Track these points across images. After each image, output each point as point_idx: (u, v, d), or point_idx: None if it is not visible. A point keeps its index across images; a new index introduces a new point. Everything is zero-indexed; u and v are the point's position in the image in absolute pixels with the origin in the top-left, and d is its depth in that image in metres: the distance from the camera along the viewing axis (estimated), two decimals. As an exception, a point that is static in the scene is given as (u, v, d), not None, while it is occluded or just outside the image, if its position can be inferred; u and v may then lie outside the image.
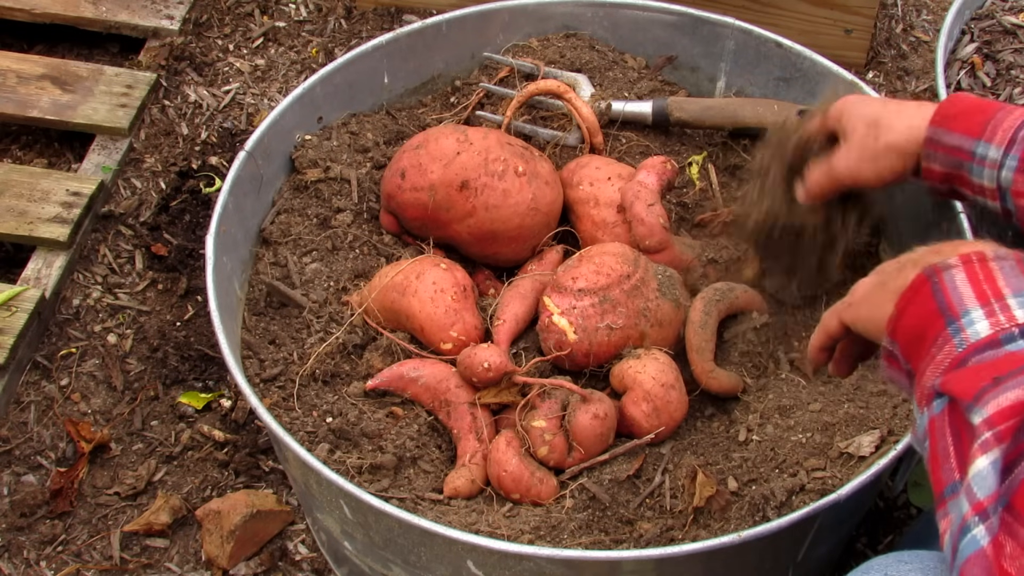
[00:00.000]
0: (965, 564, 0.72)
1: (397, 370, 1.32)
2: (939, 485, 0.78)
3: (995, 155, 1.08)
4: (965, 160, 1.11)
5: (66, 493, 1.62)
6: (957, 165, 1.12)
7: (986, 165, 1.09)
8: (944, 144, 1.12)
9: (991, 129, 1.09)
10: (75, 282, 1.87)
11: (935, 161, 1.14)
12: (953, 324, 0.81)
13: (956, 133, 1.11)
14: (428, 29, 1.62)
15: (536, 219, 1.42)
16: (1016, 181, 1.07)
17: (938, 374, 0.81)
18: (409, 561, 1.25)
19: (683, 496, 1.23)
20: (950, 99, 1.14)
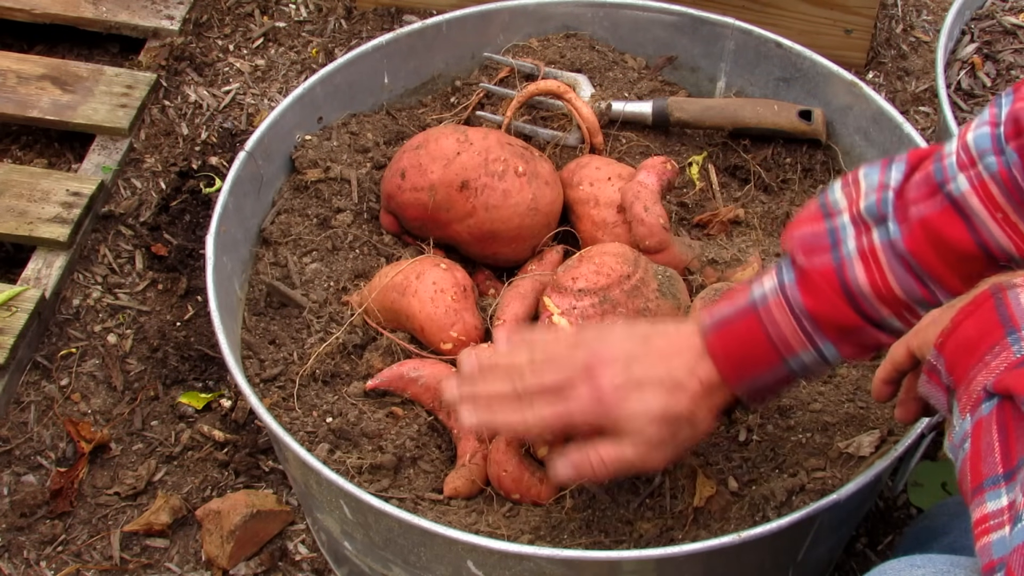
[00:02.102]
0: (1013, 553, 0.71)
1: (397, 370, 1.32)
2: (977, 478, 0.78)
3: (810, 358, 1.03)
4: (792, 378, 1.06)
5: (66, 493, 1.62)
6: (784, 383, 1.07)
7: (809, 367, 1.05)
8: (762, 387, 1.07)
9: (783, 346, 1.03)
10: (75, 282, 1.87)
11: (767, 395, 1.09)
12: (1014, 334, 0.81)
13: (764, 374, 1.05)
14: (428, 29, 1.62)
15: (536, 219, 1.42)
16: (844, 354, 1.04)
17: (992, 376, 0.80)
18: (409, 561, 1.25)
19: (683, 496, 1.23)
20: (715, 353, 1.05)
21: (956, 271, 0.97)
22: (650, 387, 1.04)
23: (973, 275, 0.94)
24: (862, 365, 1.36)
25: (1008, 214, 0.94)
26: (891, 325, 1.02)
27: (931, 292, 0.98)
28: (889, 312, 1.01)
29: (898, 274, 0.99)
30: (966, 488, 0.80)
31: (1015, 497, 0.74)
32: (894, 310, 1.00)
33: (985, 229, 0.95)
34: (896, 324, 1.01)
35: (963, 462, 0.82)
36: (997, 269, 0.96)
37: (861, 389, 1.32)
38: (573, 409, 1.05)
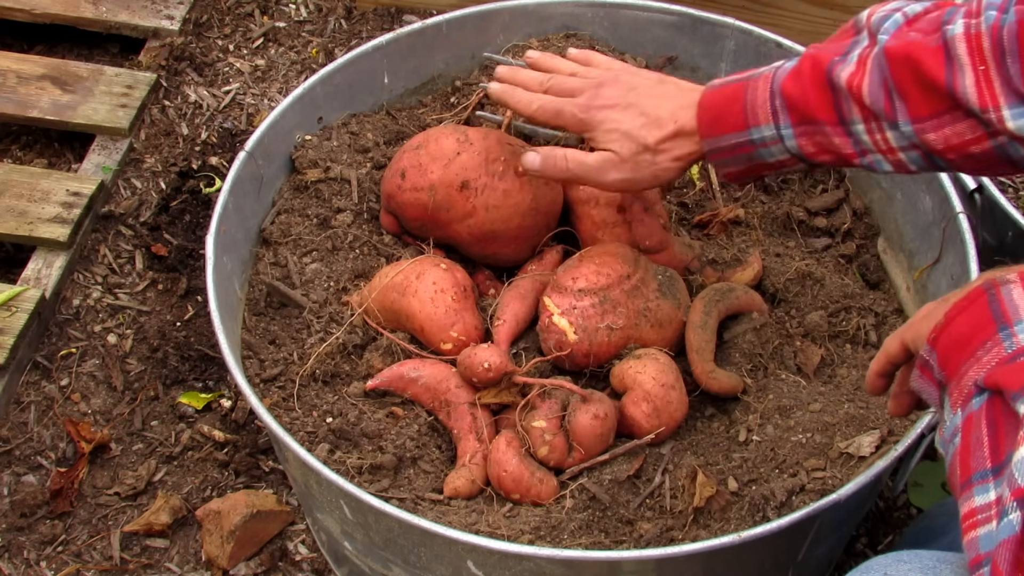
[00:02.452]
0: (998, 548, 0.72)
1: (397, 370, 1.32)
2: (967, 472, 0.78)
3: (770, 132, 1.11)
4: (752, 151, 1.13)
5: (66, 493, 1.62)
6: (749, 158, 1.14)
7: (769, 144, 1.11)
8: (725, 148, 1.15)
9: (751, 115, 1.11)
10: (75, 282, 1.87)
11: (730, 165, 1.16)
12: (1005, 330, 0.81)
13: (727, 134, 1.14)
14: (428, 29, 1.62)
15: (536, 219, 1.42)
16: (803, 146, 1.10)
17: (983, 372, 0.81)
18: (409, 561, 1.25)
19: (683, 496, 1.23)
20: (702, 103, 1.16)
21: (922, 96, 1.00)
22: (634, 110, 1.18)
23: (936, 112, 0.98)
24: (861, 366, 1.36)
25: (988, 69, 0.96)
26: (855, 131, 1.06)
27: (892, 107, 1.02)
28: (859, 114, 1.05)
29: (873, 80, 1.02)
30: (955, 482, 0.81)
31: (1002, 492, 0.74)
32: (863, 114, 1.04)
33: (960, 75, 0.97)
34: (861, 130, 1.05)
35: (953, 456, 0.82)
36: (961, 116, 0.98)
37: (861, 389, 1.32)
38: (567, 107, 1.22)
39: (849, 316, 1.41)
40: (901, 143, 1.03)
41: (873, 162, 1.07)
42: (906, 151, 1.04)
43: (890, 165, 1.06)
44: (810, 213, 1.54)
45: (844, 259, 1.50)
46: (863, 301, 1.42)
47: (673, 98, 1.18)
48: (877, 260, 1.51)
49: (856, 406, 1.28)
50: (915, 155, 1.04)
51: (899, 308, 1.44)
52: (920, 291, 1.44)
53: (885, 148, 1.05)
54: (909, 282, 1.46)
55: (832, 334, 1.40)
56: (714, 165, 1.17)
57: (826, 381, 1.35)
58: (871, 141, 1.05)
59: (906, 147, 1.04)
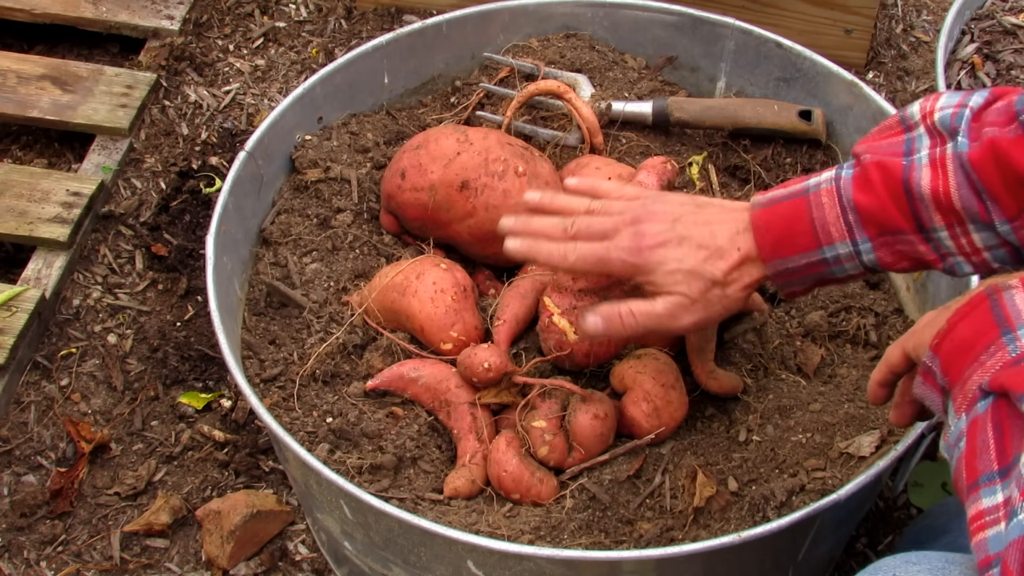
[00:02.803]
0: (1009, 548, 0.72)
1: (397, 370, 1.32)
2: (973, 474, 0.79)
3: (845, 250, 1.04)
4: (824, 269, 1.06)
5: (66, 493, 1.62)
6: (818, 278, 1.08)
7: (844, 261, 1.05)
8: (793, 269, 1.07)
9: (825, 234, 1.04)
10: (75, 282, 1.87)
11: (796, 286, 1.09)
12: (1009, 334, 0.82)
13: (796, 255, 1.06)
14: (428, 29, 1.62)
15: (536, 219, 1.42)
16: (881, 259, 1.04)
17: (987, 375, 0.81)
18: (409, 561, 1.25)
19: (683, 496, 1.23)
20: (757, 225, 1.07)
21: (1014, 194, 0.96)
22: (689, 244, 1.07)
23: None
24: (861, 365, 1.36)
25: None
26: (937, 237, 1.01)
27: (987, 210, 0.98)
28: (941, 221, 1.00)
29: (960, 185, 0.98)
30: (962, 486, 0.81)
31: (1010, 493, 0.74)
32: (947, 220, 1.00)
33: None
34: (943, 236, 1.01)
35: (959, 460, 0.82)
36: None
37: (861, 389, 1.32)
38: (612, 252, 1.09)
39: (849, 316, 1.41)
40: (990, 243, 1.00)
41: (954, 264, 1.03)
42: (993, 250, 1.01)
43: (971, 267, 1.03)
44: (810, 213, 1.54)
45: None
46: (863, 301, 1.42)
47: (724, 223, 1.08)
48: (877, 260, 1.51)
49: (856, 406, 1.28)
50: (1002, 253, 1.01)
51: (899, 308, 1.44)
52: (920, 291, 1.44)
53: (970, 251, 1.01)
54: (909, 282, 1.46)
55: (832, 334, 1.40)
56: (778, 287, 1.09)
57: (826, 381, 1.35)
58: (955, 246, 1.01)
59: (994, 246, 1.00)
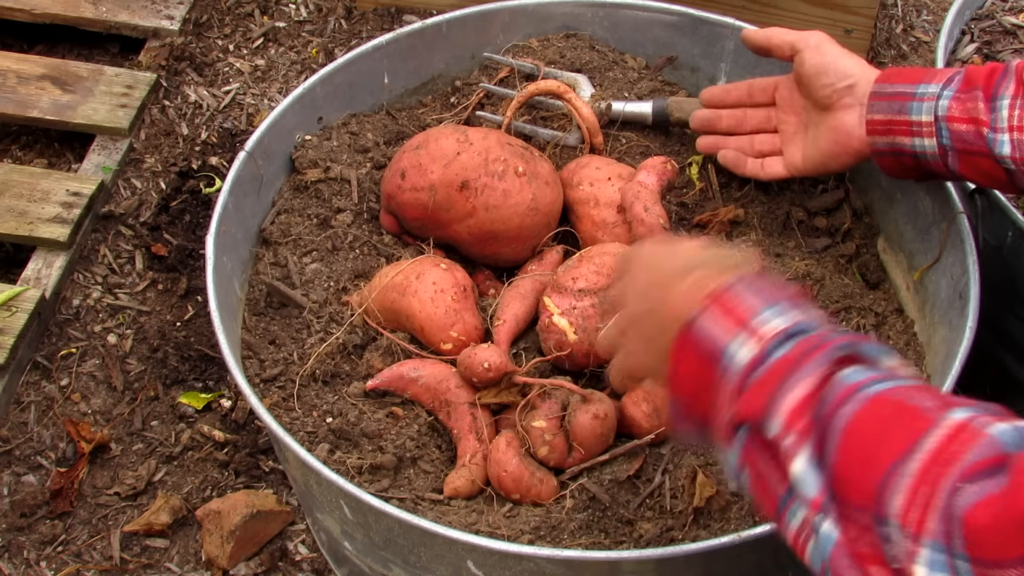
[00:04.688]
0: (831, 560, 0.75)
1: (397, 370, 1.32)
2: (772, 503, 0.81)
3: (934, 90, 1.16)
4: (906, 101, 1.18)
5: (66, 493, 1.62)
6: (898, 110, 1.18)
7: (925, 99, 1.16)
8: (887, 93, 1.19)
9: (931, 74, 1.17)
10: (75, 282, 1.87)
11: (877, 111, 1.19)
12: (721, 362, 0.85)
13: (898, 83, 1.19)
14: (428, 29, 1.62)
15: (536, 219, 1.42)
16: (951, 107, 1.14)
17: (728, 409, 0.84)
18: (409, 561, 1.25)
19: (683, 496, 1.23)
20: (890, 68, 1.24)
21: None
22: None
23: None
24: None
25: None
26: (999, 104, 1.17)
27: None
28: (1011, 89, 1.14)
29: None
30: (768, 514, 0.83)
31: (804, 510, 0.77)
32: (1017, 91, 1.15)
33: None
34: (1004, 104, 1.17)
35: (751, 491, 0.85)
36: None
37: (861, 389, 1.32)
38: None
39: (849, 316, 1.41)
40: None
41: (996, 139, 1.12)
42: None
43: (1009, 146, 1.12)
44: (810, 213, 1.54)
45: (844, 259, 1.50)
46: (863, 301, 1.42)
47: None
48: (877, 260, 1.51)
49: (856, 406, 1.28)
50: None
51: (899, 308, 1.44)
52: (920, 291, 1.44)
53: (1016, 125, 1.11)
54: (909, 282, 1.46)
55: (832, 334, 1.39)
56: (867, 110, 1.21)
57: (826, 381, 1.35)
58: (1007, 116, 1.12)
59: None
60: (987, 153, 1.14)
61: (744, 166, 1.37)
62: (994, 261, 1.50)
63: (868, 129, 1.21)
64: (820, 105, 1.27)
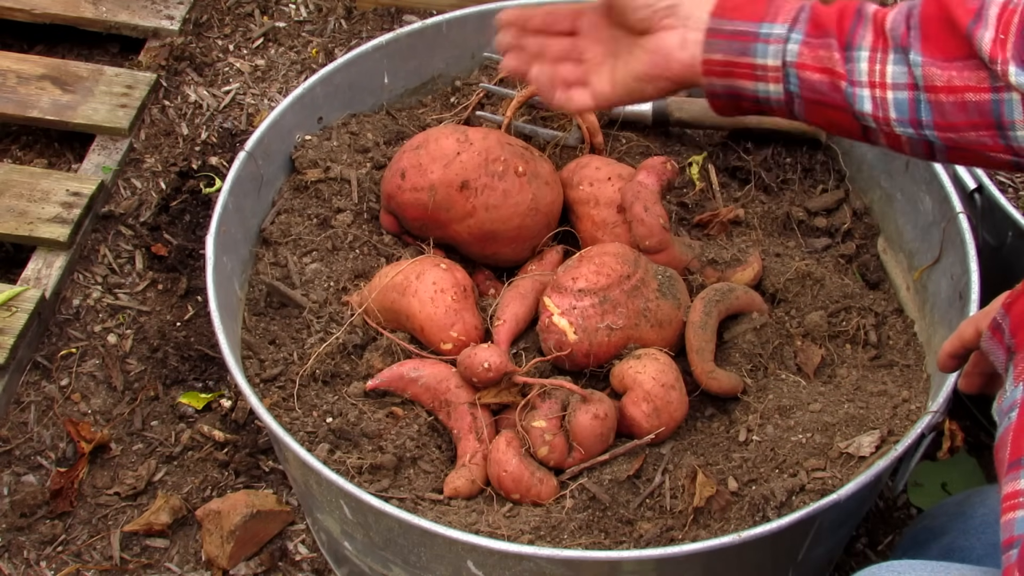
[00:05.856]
0: None
1: (397, 370, 1.32)
2: (1017, 452, 0.79)
3: (780, 31, 1.05)
4: (749, 42, 1.06)
5: (66, 493, 1.62)
6: (740, 51, 1.07)
7: (771, 42, 1.05)
8: (726, 31, 1.07)
9: (773, 11, 1.06)
10: (75, 282, 1.87)
11: (717, 50, 1.08)
12: None
13: (738, 20, 1.07)
14: (428, 29, 1.62)
15: (536, 219, 1.42)
16: (801, 53, 1.04)
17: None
18: (409, 561, 1.25)
19: (683, 496, 1.23)
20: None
21: (942, 35, 0.98)
22: None
23: (950, 55, 0.97)
24: (861, 366, 1.36)
25: (1007, 39, 0.94)
26: (857, 55, 1.02)
27: (909, 36, 0.99)
28: (868, 40, 1.02)
29: (899, 12, 1.01)
30: (1003, 456, 0.81)
31: None
32: (874, 41, 1.02)
33: (983, 29, 0.95)
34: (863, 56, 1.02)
35: (1006, 430, 0.82)
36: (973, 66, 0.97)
37: (861, 389, 1.32)
38: None
39: (849, 316, 1.41)
40: (898, 80, 1.01)
41: (856, 94, 1.03)
42: (897, 90, 1.01)
43: (870, 103, 1.02)
44: (810, 213, 1.54)
45: (844, 259, 1.50)
46: (863, 301, 1.42)
47: None
48: (877, 260, 1.51)
49: (856, 406, 1.28)
50: (903, 96, 1.01)
51: (899, 308, 1.44)
52: (920, 291, 1.44)
53: (878, 81, 1.02)
54: (909, 282, 1.46)
55: (832, 334, 1.40)
56: (704, 48, 1.08)
57: (826, 381, 1.35)
58: (867, 70, 1.02)
59: (900, 86, 1.01)
60: (843, 107, 1.04)
61: (549, 98, 1.21)
62: (994, 261, 1.50)
63: (704, 69, 1.09)
64: (637, 29, 1.13)
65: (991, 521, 1.21)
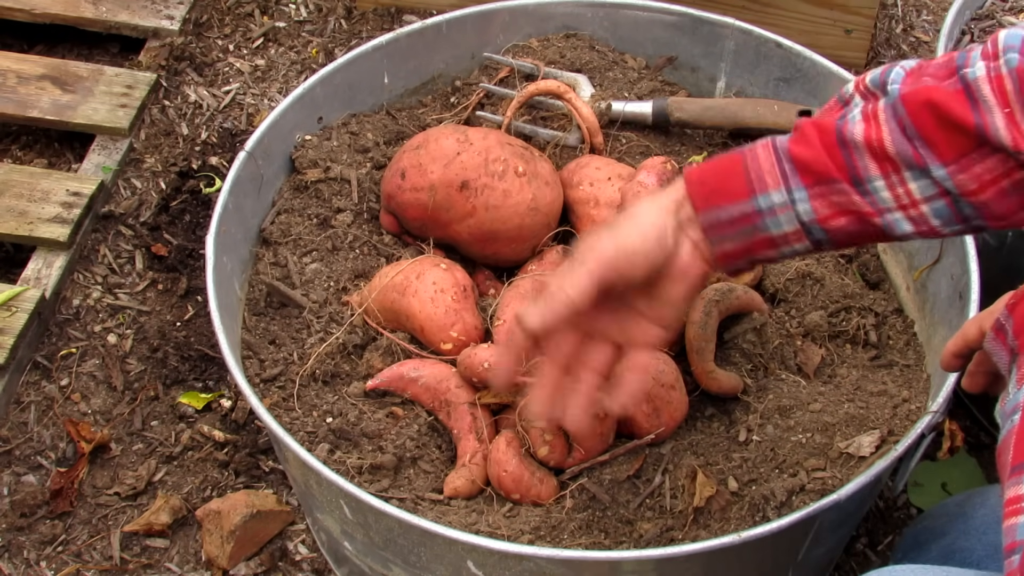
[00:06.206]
0: None
1: (397, 370, 1.32)
2: (1020, 456, 0.78)
3: (780, 198, 0.99)
4: (756, 222, 1.01)
5: (66, 493, 1.62)
6: (751, 233, 1.01)
7: (778, 212, 1.00)
8: (724, 220, 1.01)
9: (757, 182, 1.00)
10: (75, 282, 1.87)
11: (728, 241, 1.02)
12: None
13: (728, 205, 1.00)
14: (428, 29, 1.62)
15: (536, 219, 1.42)
16: (816, 209, 0.99)
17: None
18: (409, 561, 1.25)
19: (683, 496, 1.23)
20: (689, 179, 1.03)
21: (949, 140, 0.94)
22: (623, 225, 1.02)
23: (964, 152, 0.93)
24: (861, 366, 1.36)
25: (1014, 112, 0.91)
26: (873, 188, 0.98)
27: (921, 156, 0.95)
28: (876, 170, 0.97)
29: (892, 130, 0.95)
30: (1005, 461, 0.80)
31: None
32: (882, 169, 0.97)
33: (989, 116, 0.91)
34: (880, 186, 0.97)
35: (1008, 434, 0.81)
36: (988, 152, 0.93)
37: (861, 389, 1.32)
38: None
39: (849, 316, 1.41)
40: (927, 192, 0.96)
41: (892, 222, 0.98)
42: (931, 201, 0.97)
43: (910, 224, 0.98)
44: (810, 213, 1.54)
45: (844, 259, 1.50)
46: (863, 301, 1.42)
47: (651, 203, 1.04)
48: (877, 260, 1.51)
49: (856, 406, 1.28)
50: (941, 205, 0.97)
51: (899, 308, 1.44)
52: (920, 291, 1.44)
53: (908, 202, 0.97)
54: (909, 282, 1.46)
55: (832, 334, 1.40)
56: (711, 242, 1.02)
57: (826, 381, 1.35)
58: (892, 197, 0.97)
59: (932, 196, 0.97)
60: (882, 236, 1.00)
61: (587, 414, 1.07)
62: (994, 261, 1.50)
63: (723, 261, 1.04)
64: (644, 280, 1.03)
65: (992, 522, 1.21)
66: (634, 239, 1.00)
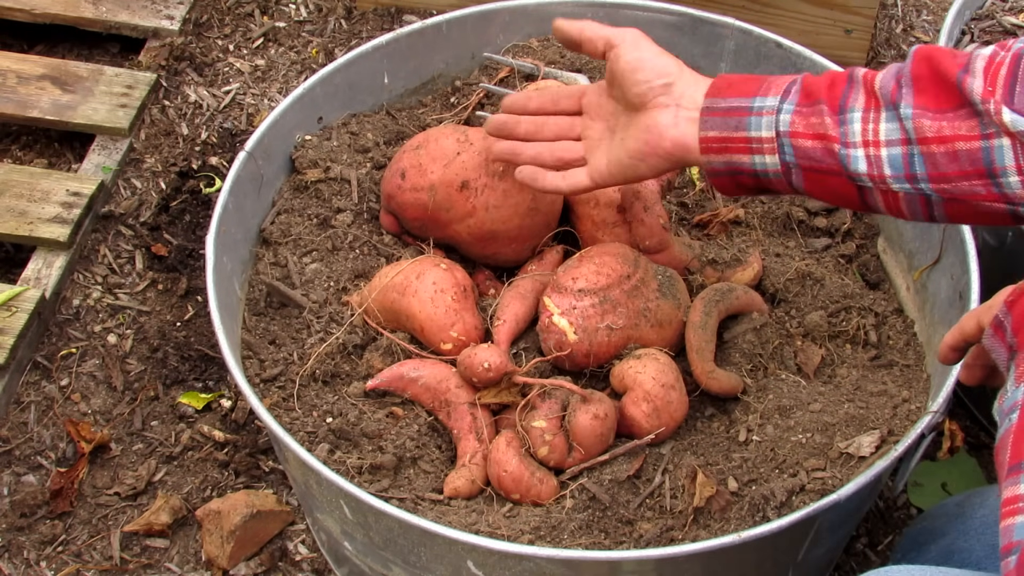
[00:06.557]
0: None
1: (397, 370, 1.32)
2: (1017, 456, 0.79)
3: (772, 103, 1.07)
4: (743, 117, 1.08)
5: (66, 493, 1.62)
6: (735, 126, 1.08)
7: (763, 114, 1.07)
8: (720, 108, 1.09)
9: (766, 87, 1.09)
10: (75, 282, 1.87)
11: (712, 128, 1.10)
12: None
13: (732, 97, 1.09)
14: (428, 29, 1.62)
15: (536, 219, 1.42)
16: (793, 122, 1.05)
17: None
18: (409, 561, 1.25)
19: (683, 496, 1.23)
20: (719, 77, 1.14)
21: (933, 87, 0.99)
22: None
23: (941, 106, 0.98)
24: (861, 366, 1.36)
25: (995, 90, 0.95)
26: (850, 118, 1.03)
27: (899, 92, 1.01)
28: (860, 103, 1.03)
29: (888, 72, 1.03)
30: (1003, 460, 0.81)
31: None
32: (866, 103, 1.03)
33: (972, 79, 0.96)
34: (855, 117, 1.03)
35: (1006, 432, 0.82)
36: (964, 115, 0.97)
37: (861, 389, 1.32)
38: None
39: (849, 316, 1.41)
40: (891, 136, 1.01)
41: (851, 157, 1.03)
42: (891, 146, 1.01)
43: (865, 163, 1.02)
44: (810, 213, 1.54)
45: (844, 259, 1.50)
46: (863, 301, 1.42)
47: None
48: (877, 260, 1.51)
49: (856, 406, 1.28)
50: (897, 152, 1.01)
51: (899, 308, 1.44)
52: (920, 291, 1.44)
53: (872, 140, 1.02)
54: (909, 282, 1.46)
55: (832, 334, 1.40)
56: (700, 123, 1.10)
57: (826, 381, 1.35)
58: (860, 131, 1.02)
59: (893, 142, 1.01)
60: (838, 171, 1.04)
61: (544, 179, 1.24)
62: (994, 261, 1.50)
63: (702, 148, 1.10)
64: (632, 105, 1.15)
65: (991, 522, 1.21)
66: (656, 57, 1.16)
